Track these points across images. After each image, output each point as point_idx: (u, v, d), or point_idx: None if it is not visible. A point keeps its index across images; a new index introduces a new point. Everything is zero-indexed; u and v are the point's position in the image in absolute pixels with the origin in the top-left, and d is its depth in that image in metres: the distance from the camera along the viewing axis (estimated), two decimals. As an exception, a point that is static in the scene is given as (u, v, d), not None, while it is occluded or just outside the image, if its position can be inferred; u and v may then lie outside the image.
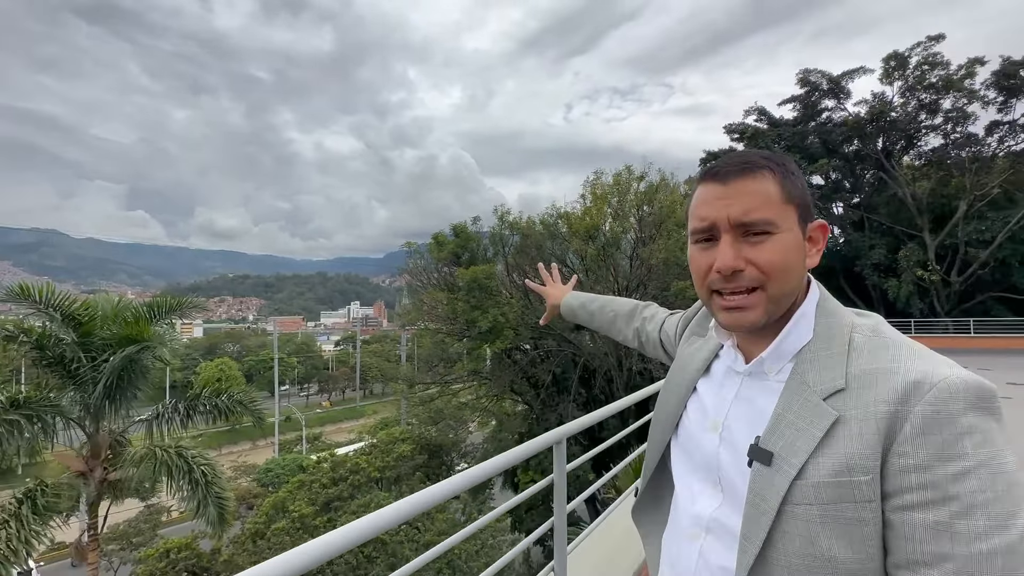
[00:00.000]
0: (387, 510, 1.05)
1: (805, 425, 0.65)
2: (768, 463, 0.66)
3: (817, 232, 0.77)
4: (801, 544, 0.62)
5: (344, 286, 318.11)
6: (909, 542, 0.58)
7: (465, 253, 19.09)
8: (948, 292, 23.69)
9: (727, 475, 0.74)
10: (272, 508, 12.63)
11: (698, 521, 0.77)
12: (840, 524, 0.60)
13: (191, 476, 8.38)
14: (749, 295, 0.71)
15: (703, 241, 0.75)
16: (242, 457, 36.06)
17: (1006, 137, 23.74)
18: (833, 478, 0.61)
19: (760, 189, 0.70)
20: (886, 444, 0.60)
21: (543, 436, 1.61)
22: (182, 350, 58.44)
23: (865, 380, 0.64)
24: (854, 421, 0.62)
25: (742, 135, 27.63)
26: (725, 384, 0.81)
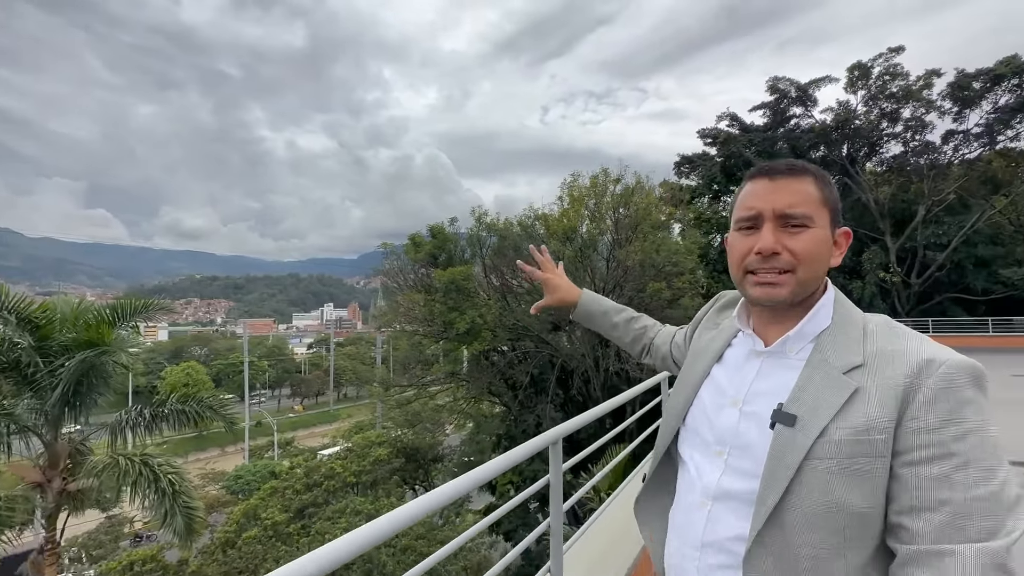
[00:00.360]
0: (388, 517, 1.01)
1: (827, 394, 0.77)
2: (791, 424, 0.77)
3: (842, 237, 0.88)
4: (819, 493, 0.73)
5: (317, 288, 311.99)
6: (915, 491, 0.69)
7: (442, 254, 18.95)
8: (908, 293, 24.74)
9: (744, 442, 0.83)
10: (243, 516, 12.27)
11: (706, 491, 0.86)
12: (855, 475, 0.72)
13: (157, 485, 8.05)
14: (781, 275, 0.82)
15: (746, 228, 0.86)
16: (210, 464, 34.97)
17: (960, 146, 24.97)
18: (853, 436, 0.73)
19: (803, 189, 0.83)
20: (901, 410, 0.72)
21: (540, 437, 1.61)
22: (145, 354, 56.30)
23: (882, 358, 0.76)
24: (873, 390, 0.74)
25: (715, 140, 28.28)
26: (745, 366, 0.91)
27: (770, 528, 0.75)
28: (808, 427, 0.75)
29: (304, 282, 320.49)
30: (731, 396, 0.89)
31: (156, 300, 9.80)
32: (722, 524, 0.83)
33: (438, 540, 11.05)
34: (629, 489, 3.43)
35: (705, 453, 0.89)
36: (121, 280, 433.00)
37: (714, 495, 0.84)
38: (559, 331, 19.10)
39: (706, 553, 0.84)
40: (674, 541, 0.93)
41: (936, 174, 24.51)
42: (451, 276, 16.49)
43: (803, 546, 0.73)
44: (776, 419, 0.79)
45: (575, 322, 1.45)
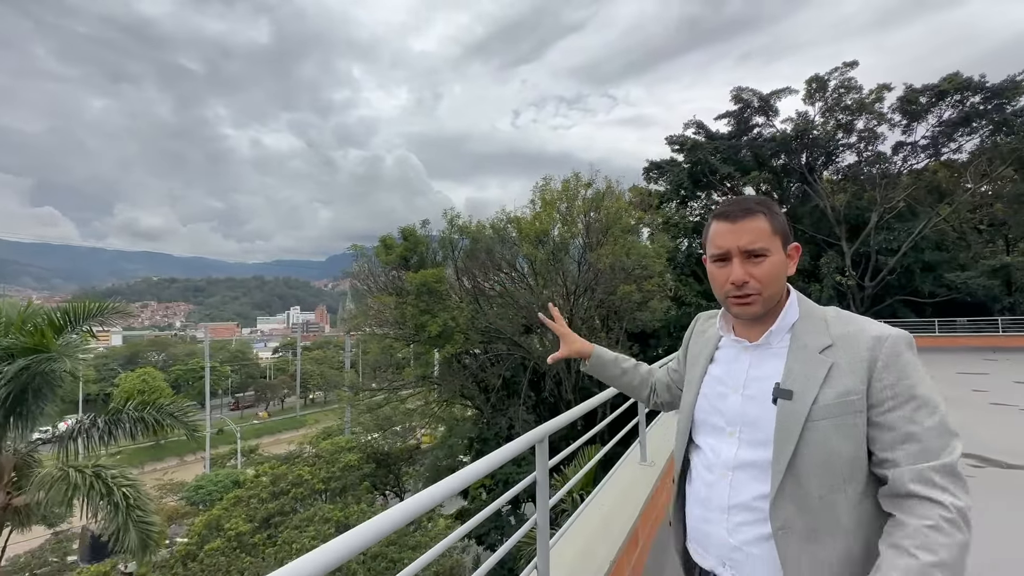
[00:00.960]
0: (370, 525, 1.00)
1: (812, 371, 0.99)
2: (790, 398, 0.99)
3: (793, 252, 1.11)
4: (820, 447, 0.95)
5: (283, 290, 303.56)
6: (890, 431, 0.93)
7: (414, 256, 18.76)
8: (862, 295, 25.96)
9: (751, 419, 1.04)
10: (205, 527, 11.78)
11: (726, 465, 1.06)
12: (844, 429, 0.95)
13: (110, 499, 7.64)
14: (752, 296, 1.05)
15: (719, 261, 1.08)
16: (168, 474, 33.48)
17: (909, 156, 26.43)
18: (837, 400, 0.96)
19: (758, 226, 1.04)
20: (869, 375, 0.96)
21: (527, 435, 1.64)
22: (98, 360, 53.48)
23: (845, 339, 1.00)
24: (844, 364, 0.98)
25: (682, 146, 29.01)
26: (737, 360, 1.13)
27: (787, 481, 0.96)
28: (803, 398, 0.97)
29: (269, 284, 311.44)
30: (731, 385, 1.10)
31: (111, 303, 9.33)
32: (745, 488, 1.03)
33: (409, 546, 10.88)
34: (610, 485, 3.50)
35: (719, 436, 1.10)
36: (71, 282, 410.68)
37: (733, 466, 1.05)
38: (531, 333, 19.17)
39: (733, 514, 1.04)
40: (696, 510, 1.12)
41: (887, 183, 25.86)
42: (423, 278, 16.34)
43: (813, 489, 0.95)
44: (777, 395, 1.01)
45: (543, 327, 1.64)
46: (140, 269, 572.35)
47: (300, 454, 18.14)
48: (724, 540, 1.04)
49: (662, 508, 3.57)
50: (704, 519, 1.09)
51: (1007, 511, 3.96)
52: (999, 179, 25.40)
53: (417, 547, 10.79)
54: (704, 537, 1.09)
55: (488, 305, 19.15)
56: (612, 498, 3.22)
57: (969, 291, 22.92)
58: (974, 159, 25.66)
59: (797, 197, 29.00)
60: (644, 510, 3.06)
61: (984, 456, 5.36)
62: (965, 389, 10.00)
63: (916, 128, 25.64)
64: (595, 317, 18.36)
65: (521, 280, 19.70)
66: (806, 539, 0.94)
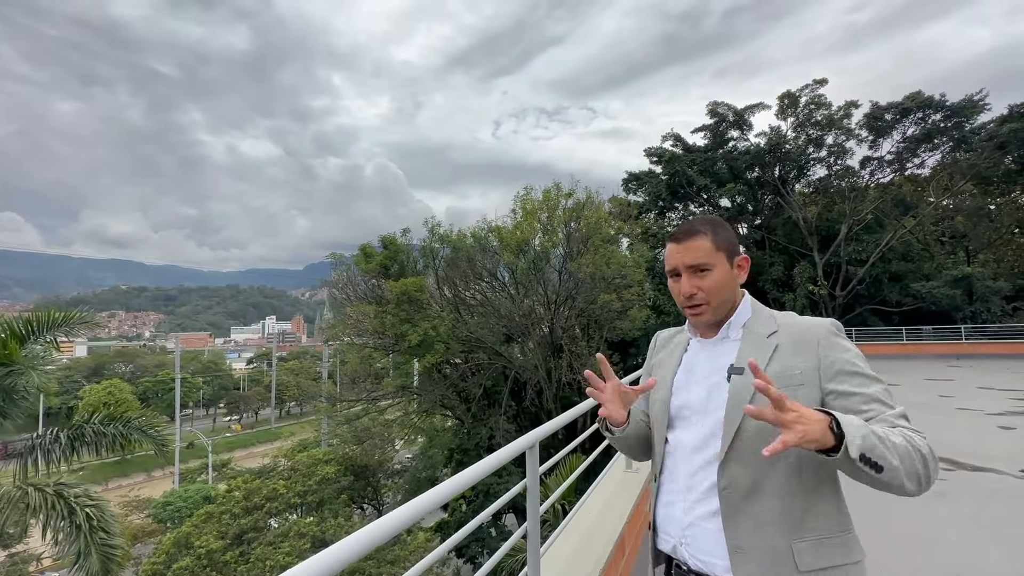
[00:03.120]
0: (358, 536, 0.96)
1: (760, 351, 1.13)
2: (741, 374, 1.11)
3: (742, 262, 1.24)
4: None
5: (259, 299, 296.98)
6: (844, 399, 1.05)
7: (394, 265, 18.60)
8: (833, 305, 26.69)
9: (714, 402, 1.14)
10: (173, 546, 11.33)
11: (688, 447, 1.17)
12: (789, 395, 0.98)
13: (72, 520, 7.26)
14: (701, 306, 1.19)
15: (674, 276, 1.22)
16: (135, 491, 32.18)
17: (876, 171, 27.45)
18: (778, 374, 1.08)
19: (699, 245, 1.18)
20: (818, 355, 1.09)
21: (516, 442, 1.62)
22: (61, 372, 51.28)
23: (788, 327, 1.15)
24: (788, 345, 1.12)
25: (660, 158, 29.57)
26: (699, 356, 1.24)
27: (735, 443, 1.07)
28: (751, 373, 1.01)
29: (244, 294, 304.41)
30: (696, 378, 1.22)
31: (76, 311, 8.96)
32: (701, 465, 1.14)
33: (387, 560, 10.65)
34: (596, 493, 3.49)
35: (686, 426, 1.20)
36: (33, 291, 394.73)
37: (694, 448, 1.16)
38: (512, 343, 19.14)
39: (690, 491, 1.14)
40: (663, 497, 1.22)
41: (855, 196, 26.78)
42: (403, 287, 16.19)
43: (757, 450, 0.99)
44: (731, 372, 1.13)
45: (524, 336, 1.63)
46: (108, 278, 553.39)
47: (275, 467, 17.65)
48: (680, 518, 1.15)
49: (647, 514, 3.58)
50: (668, 503, 1.20)
51: (976, 513, 4.08)
52: (959, 193, 26.56)
53: (395, 561, 10.57)
54: (666, 520, 1.19)
55: (469, 314, 19.07)
56: (599, 506, 3.22)
57: (933, 300, 23.80)
58: (936, 174, 26.80)
59: (771, 209, 29.79)
60: (630, 517, 3.06)
61: (953, 460, 5.53)
62: (932, 395, 10.33)
63: (882, 144, 26.68)
64: (576, 326, 18.44)
65: (502, 289, 19.69)
66: (747, 497, 1.05)
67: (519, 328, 18.31)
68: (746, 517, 1.04)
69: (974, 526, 3.83)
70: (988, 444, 6.22)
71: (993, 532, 3.69)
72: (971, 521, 3.92)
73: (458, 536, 1.34)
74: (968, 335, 21.52)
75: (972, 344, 20.73)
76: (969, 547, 3.45)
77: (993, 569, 3.11)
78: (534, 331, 18.42)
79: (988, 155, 23.57)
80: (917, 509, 4.16)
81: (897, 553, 3.33)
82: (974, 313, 23.75)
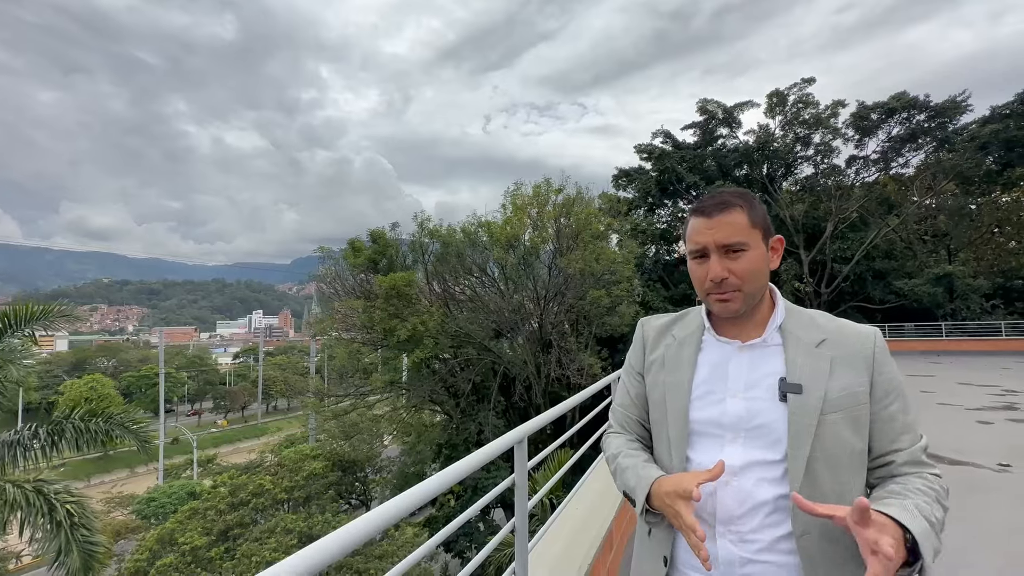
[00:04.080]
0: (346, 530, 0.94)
1: (815, 364, 0.98)
2: (800, 392, 0.96)
3: (776, 244, 1.07)
4: (832, 442, 0.94)
5: (245, 294, 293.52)
6: (892, 422, 0.97)
7: (383, 260, 18.46)
8: (819, 302, 27.07)
9: (758, 422, 0.98)
10: (157, 542, 11.18)
11: (731, 469, 0.98)
12: (852, 420, 0.95)
13: (52, 516, 7.11)
14: (733, 292, 1.00)
15: (698, 257, 1.03)
16: (117, 487, 31.72)
17: (861, 170, 27.84)
18: (843, 393, 0.96)
19: (734, 220, 0.99)
20: (870, 371, 0.98)
21: (505, 436, 1.60)
22: (41, 367, 50.25)
23: (837, 334, 1.01)
24: (843, 358, 0.98)
25: (650, 155, 29.68)
26: (730, 362, 1.05)
27: (804, 480, 0.93)
28: (813, 391, 0.95)
29: (231, 288, 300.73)
30: (731, 388, 1.02)
31: (56, 304, 8.76)
32: (752, 494, 0.96)
33: (376, 555, 10.61)
34: (584, 488, 3.50)
35: (717, 443, 1.02)
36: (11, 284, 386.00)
37: (736, 472, 0.98)
38: (501, 338, 19.14)
39: (742, 523, 0.97)
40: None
41: (841, 194, 27.15)
42: (392, 282, 16.08)
43: (827, 486, 0.93)
44: (786, 389, 0.97)
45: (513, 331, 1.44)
46: (89, 270, 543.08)
47: (261, 463, 17.49)
48: (732, 554, 0.96)
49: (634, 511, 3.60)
50: (706, 537, 0.94)
51: (954, 505, 4.16)
52: (942, 193, 27.06)
53: (383, 556, 10.53)
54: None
55: (458, 309, 19.01)
56: (587, 501, 3.22)
57: (916, 298, 24.25)
58: (920, 174, 27.26)
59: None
60: (618, 512, 3.07)
61: (934, 454, 5.62)
62: (914, 391, 10.54)
63: (868, 143, 27.06)
64: (565, 322, 18.48)
65: (492, 285, 19.67)
66: (824, 540, 0.92)
67: (508, 324, 18.31)
68: (824, 560, 0.92)
69: (952, 518, 3.90)
70: (967, 438, 6.35)
71: (971, 524, 3.77)
72: (950, 512, 3.99)
73: (446, 531, 1.32)
74: (949, 332, 21.99)
75: (952, 341, 21.18)
76: (948, 538, 3.51)
77: (970, 560, 3.18)
78: (523, 327, 18.43)
79: (970, 155, 24.03)
80: (899, 502, 4.24)
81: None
82: (954, 311, 24.25)
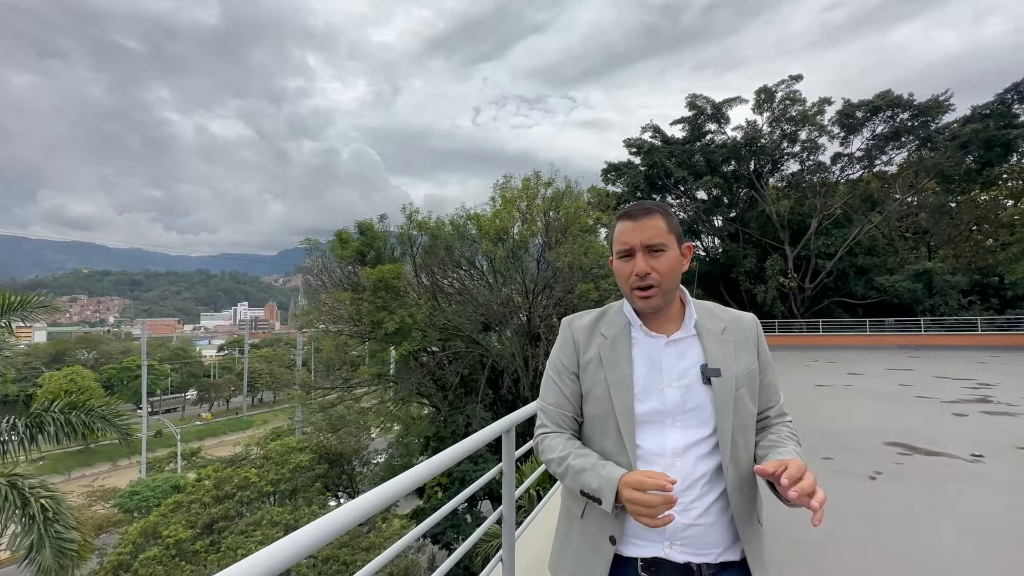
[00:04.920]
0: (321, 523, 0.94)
1: (724, 350, 1.18)
2: (719, 375, 1.14)
3: (686, 251, 1.23)
4: (743, 409, 1.14)
5: (230, 285, 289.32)
6: (769, 387, 1.23)
7: (371, 252, 18.30)
8: (802, 297, 27.50)
9: (691, 405, 1.14)
10: (140, 535, 11.06)
11: (673, 452, 1.13)
12: (751, 392, 1.17)
13: (26, 511, 6.98)
14: (652, 289, 1.15)
15: (624, 256, 1.19)
16: (99, 480, 31.22)
17: (846, 167, 28.23)
18: (745, 371, 1.17)
19: (656, 224, 1.16)
20: (757, 349, 1.21)
21: (493, 425, 1.61)
22: (19, 358, 49.14)
23: (732, 323, 1.23)
24: (739, 341, 1.20)
25: (640, 150, 29.76)
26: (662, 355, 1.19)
27: (731, 447, 1.11)
28: (728, 373, 1.14)
29: (215, 279, 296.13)
30: (666, 379, 1.17)
31: (34, 295, 8.56)
32: (694, 468, 1.12)
33: (363, 547, 10.62)
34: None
35: (660, 429, 1.15)
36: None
37: (681, 452, 1.13)
38: (489, 331, 19.14)
39: (686, 495, 1.10)
40: None
41: (826, 191, 27.53)
42: (380, 274, 15.97)
43: (742, 447, 1.14)
44: (708, 374, 1.14)
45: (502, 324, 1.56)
46: (69, 261, 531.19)
47: (247, 456, 17.35)
48: (678, 522, 1.10)
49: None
50: None
51: (929, 494, 4.28)
52: (923, 191, 27.57)
53: (371, 548, 10.55)
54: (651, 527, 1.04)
55: (447, 302, 18.96)
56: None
57: (896, 293, 24.75)
58: (902, 171, 27.73)
59: (745, 202, 30.37)
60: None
61: (911, 445, 5.79)
62: (893, 384, 10.78)
63: (852, 140, 27.42)
64: (553, 315, 18.53)
65: (480, 278, 19.63)
66: (743, 489, 1.13)
67: (497, 317, 18.31)
68: (745, 507, 1.13)
69: (927, 506, 4.02)
70: (942, 430, 6.53)
71: (944, 512, 3.89)
72: (924, 502, 4.11)
73: (432, 520, 1.33)
74: (927, 327, 22.49)
75: (931, 336, 21.67)
76: (922, 526, 3.62)
77: (943, 547, 3.28)
78: (512, 320, 18.45)
79: (951, 154, 24.48)
80: (873, 491, 4.35)
81: (852, 532, 3.47)
82: (933, 306, 24.81)
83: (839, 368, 13.98)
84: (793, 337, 24.10)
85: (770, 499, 1.11)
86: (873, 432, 6.44)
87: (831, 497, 3.43)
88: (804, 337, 24.03)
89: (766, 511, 1.22)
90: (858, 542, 3.33)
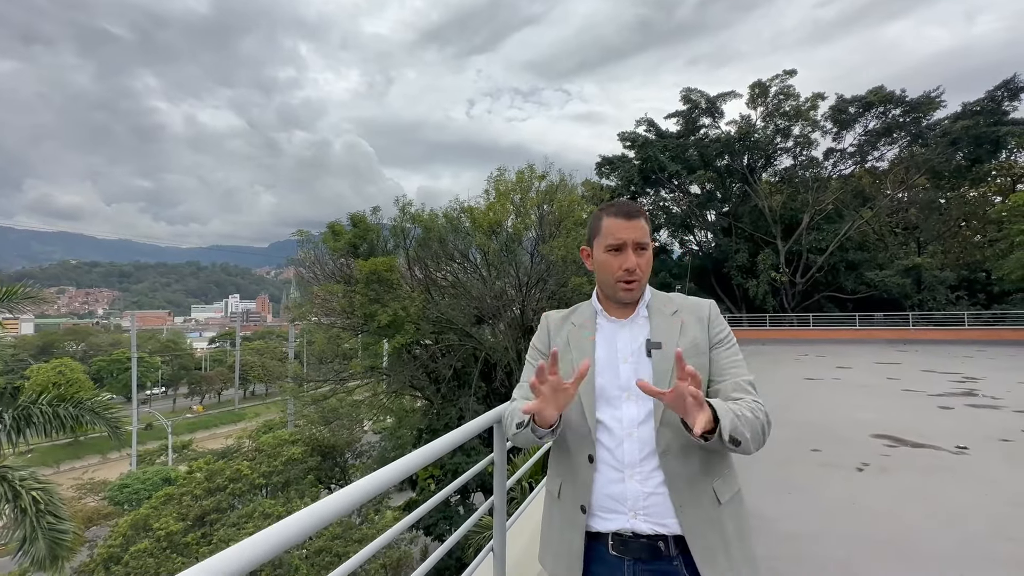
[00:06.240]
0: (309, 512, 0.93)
1: (670, 327, 1.28)
2: (660, 348, 1.25)
3: (654, 249, 1.39)
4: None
5: (221, 277, 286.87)
6: (722, 361, 1.26)
7: (363, 244, 18.20)
8: (793, 291, 27.71)
9: (639, 376, 1.22)
10: (131, 528, 11.01)
11: (631, 423, 1.22)
12: (698, 365, 1.20)
13: (17, 503, 6.93)
14: (636, 282, 1.28)
15: (614, 250, 1.28)
16: (88, 473, 31.05)
17: (838, 162, 28.38)
18: (689, 346, 1.25)
19: (643, 225, 1.29)
20: (708, 327, 1.29)
21: (485, 415, 1.61)
22: (4, 350, 48.49)
23: (685, 305, 1.33)
24: (690, 321, 1.29)
25: (633, 143, 29.73)
26: (617, 336, 1.31)
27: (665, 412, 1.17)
28: (669, 346, 1.24)
29: (206, 271, 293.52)
30: (621, 355, 1.28)
31: (21, 286, 8.45)
32: (651, 438, 1.20)
33: (355, 539, 10.64)
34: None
35: (617, 403, 1.25)
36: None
37: (638, 423, 1.22)
38: (483, 324, 19.14)
39: (645, 463, 1.19)
40: (607, 475, 1.22)
41: (818, 186, 27.69)
42: (373, 266, 15.90)
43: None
44: (650, 347, 1.25)
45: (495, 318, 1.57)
46: (56, 252, 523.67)
47: (239, 448, 17.30)
48: (638, 491, 1.19)
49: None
50: (616, 480, 1.21)
51: (915, 485, 4.35)
52: (914, 187, 27.81)
53: (363, 540, 10.57)
54: (617, 498, 1.20)
55: (440, 295, 18.93)
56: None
57: (886, 288, 25.01)
58: (893, 167, 27.93)
59: (739, 197, 30.47)
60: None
61: (898, 437, 5.87)
62: (881, 377, 10.92)
63: (845, 136, 27.56)
64: (546, 309, 18.57)
65: (474, 271, 19.60)
66: (681, 456, 1.18)
67: (490, 310, 18.31)
68: (682, 472, 1.17)
69: (913, 498, 4.08)
70: (929, 423, 6.62)
71: (930, 503, 3.95)
72: (910, 493, 4.18)
73: (423, 509, 1.33)
74: (915, 322, 22.77)
75: (919, 330, 21.95)
76: (907, 517, 3.68)
77: (928, 537, 3.34)
78: (505, 313, 18.46)
79: (941, 151, 24.68)
80: (860, 482, 4.41)
81: (839, 523, 3.53)
82: (921, 301, 25.11)
83: (828, 362, 14.13)
84: (784, 331, 24.30)
85: (761, 493, 1.10)
86: (861, 424, 6.52)
87: (819, 488, 3.51)
88: (795, 331, 24.24)
89: (757, 505, 1.22)
90: (845, 533, 3.38)
